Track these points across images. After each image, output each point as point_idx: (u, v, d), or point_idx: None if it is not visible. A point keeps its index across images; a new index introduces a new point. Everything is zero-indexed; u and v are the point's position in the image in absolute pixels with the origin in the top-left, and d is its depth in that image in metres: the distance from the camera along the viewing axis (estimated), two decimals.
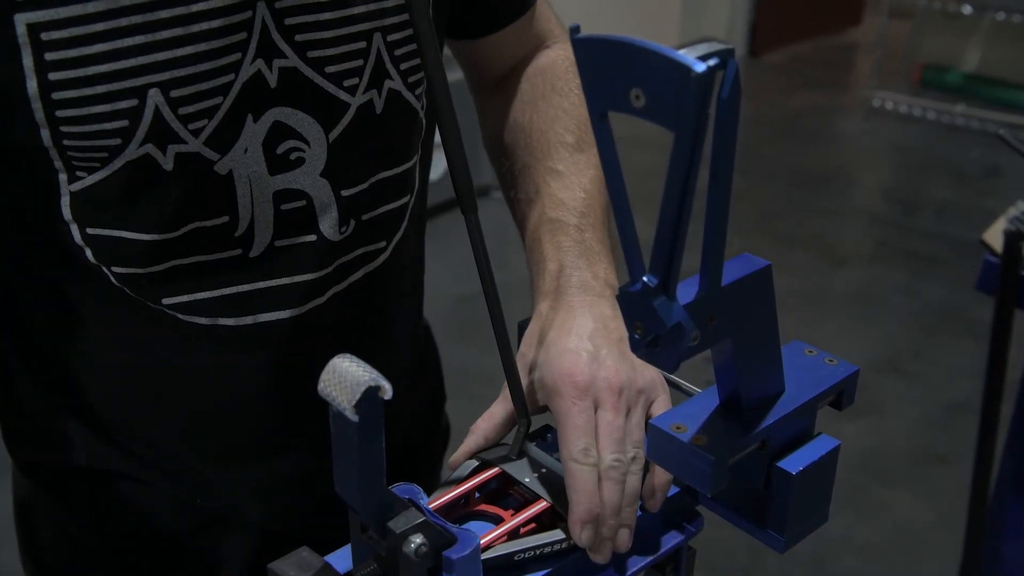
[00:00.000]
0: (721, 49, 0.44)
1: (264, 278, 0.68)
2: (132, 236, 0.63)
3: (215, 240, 0.65)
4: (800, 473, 0.58)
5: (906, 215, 3.74)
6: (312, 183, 0.67)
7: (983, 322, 2.97)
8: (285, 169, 0.66)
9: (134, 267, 0.65)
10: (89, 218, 0.63)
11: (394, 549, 0.52)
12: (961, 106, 4.47)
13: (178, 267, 0.65)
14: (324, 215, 0.68)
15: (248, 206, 0.65)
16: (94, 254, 0.64)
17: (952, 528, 2.15)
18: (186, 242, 0.65)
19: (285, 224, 0.67)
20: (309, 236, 0.68)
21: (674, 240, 0.47)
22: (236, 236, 0.66)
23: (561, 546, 0.59)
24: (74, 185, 0.62)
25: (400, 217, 0.75)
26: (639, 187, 1.10)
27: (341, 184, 0.69)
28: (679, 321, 0.50)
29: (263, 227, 0.66)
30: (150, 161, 0.61)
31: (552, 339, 0.65)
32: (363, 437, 0.49)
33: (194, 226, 0.64)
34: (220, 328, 0.68)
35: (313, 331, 0.71)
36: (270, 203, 0.66)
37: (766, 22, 5.57)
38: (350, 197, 0.70)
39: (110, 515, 0.80)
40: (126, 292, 0.66)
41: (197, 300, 0.67)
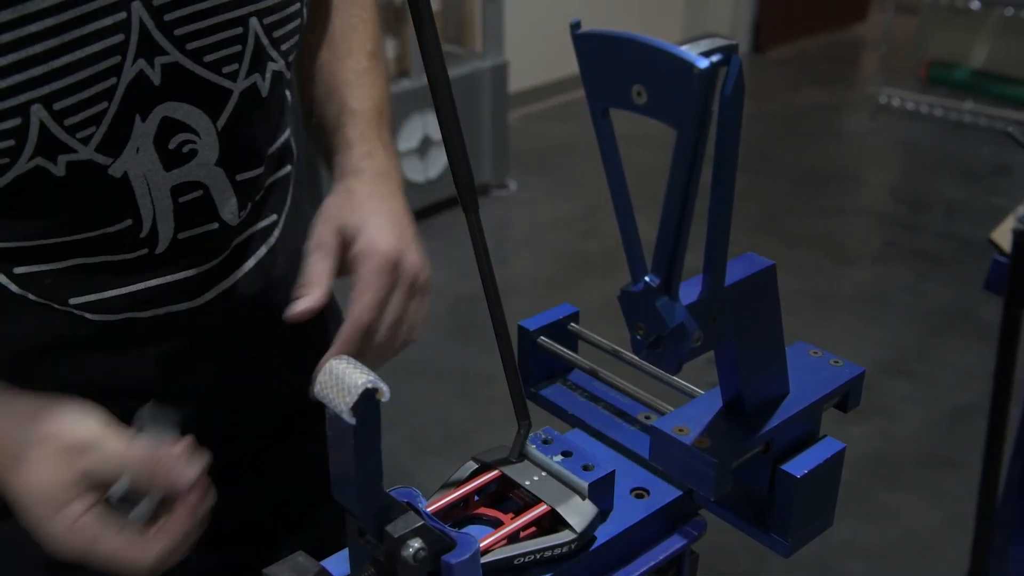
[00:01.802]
0: (724, 45, 0.44)
1: (172, 272, 0.70)
2: (31, 244, 0.64)
3: (121, 243, 0.67)
4: (805, 476, 0.58)
5: (913, 214, 3.74)
6: (207, 173, 0.69)
7: (991, 323, 2.96)
8: (180, 163, 0.67)
9: (36, 264, 0.65)
10: None
11: (392, 553, 0.52)
12: (969, 103, 4.47)
13: (83, 266, 0.66)
14: (223, 203, 0.70)
15: (149, 205, 0.66)
16: None
17: (960, 532, 2.15)
18: (91, 244, 0.66)
19: (185, 217, 0.69)
20: (211, 225, 0.70)
21: (676, 239, 0.47)
22: (142, 237, 0.67)
23: (563, 550, 0.59)
24: None
25: (285, 187, 0.79)
26: (641, 186, 1.10)
27: (236, 169, 0.71)
28: (682, 322, 0.50)
29: (165, 223, 0.68)
30: (41, 172, 0.61)
31: (368, 213, 0.71)
32: (360, 440, 0.49)
33: (99, 233, 0.65)
34: (130, 322, 0.70)
35: (223, 314, 0.74)
36: (169, 198, 0.67)
37: (770, 17, 5.58)
38: (246, 181, 0.72)
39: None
40: (28, 299, 0.66)
41: (104, 299, 0.68)
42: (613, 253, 3.27)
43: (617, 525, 0.63)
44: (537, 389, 0.77)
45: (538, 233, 3.57)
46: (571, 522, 0.59)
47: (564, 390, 0.77)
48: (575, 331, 0.77)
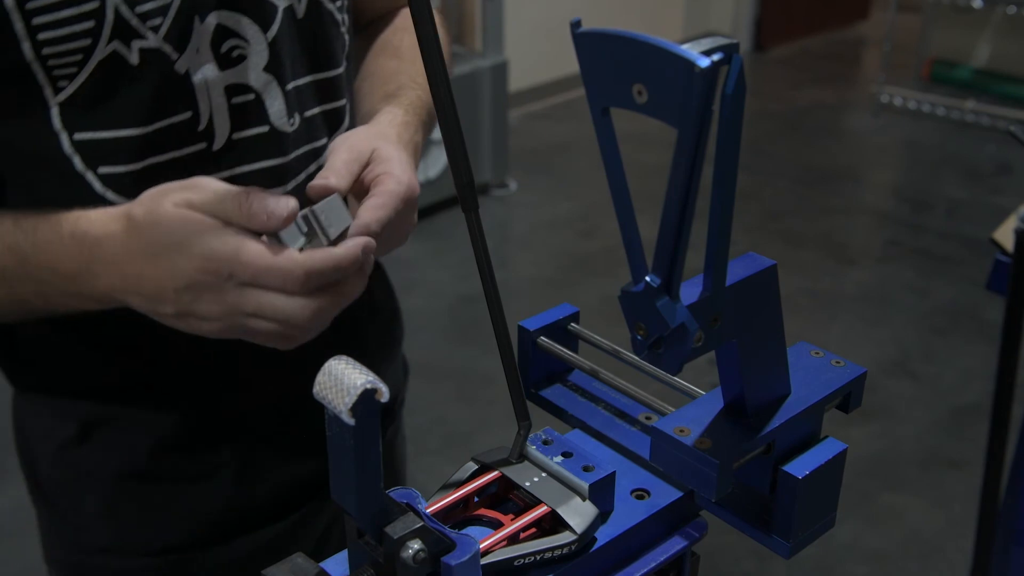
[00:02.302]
0: (725, 43, 0.44)
1: (229, 167, 0.77)
2: (113, 135, 0.73)
3: (182, 136, 0.75)
4: (806, 477, 0.58)
5: (915, 213, 3.74)
6: (256, 77, 0.77)
7: (994, 323, 2.97)
8: (232, 66, 0.76)
9: (118, 165, 0.73)
10: (75, 125, 0.72)
11: (391, 555, 0.52)
12: (971, 102, 4.47)
13: (154, 165, 0.74)
14: (272, 106, 0.78)
15: (206, 101, 0.75)
16: (82, 159, 0.73)
17: (962, 534, 2.16)
18: (158, 139, 0.74)
19: (238, 117, 0.77)
20: (262, 127, 0.78)
21: (677, 239, 0.47)
22: (200, 131, 0.75)
23: (563, 551, 0.59)
24: (59, 96, 0.71)
25: (338, 119, 0.86)
26: (642, 185, 1.10)
27: (283, 79, 0.78)
28: (683, 322, 0.50)
29: (221, 121, 0.76)
30: (118, 58, 0.71)
31: (395, 147, 0.77)
32: (359, 441, 0.49)
33: (164, 123, 0.73)
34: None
35: None
36: (223, 97, 0.76)
37: (772, 16, 5.58)
38: (292, 91, 0.80)
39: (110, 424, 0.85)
40: (107, 200, 0.74)
41: None
42: (613, 253, 3.27)
43: (617, 526, 0.63)
44: (537, 390, 0.77)
45: (538, 233, 3.57)
46: (571, 523, 0.59)
47: (564, 391, 0.77)
48: (575, 331, 0.77)
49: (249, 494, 0.86)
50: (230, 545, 0.87)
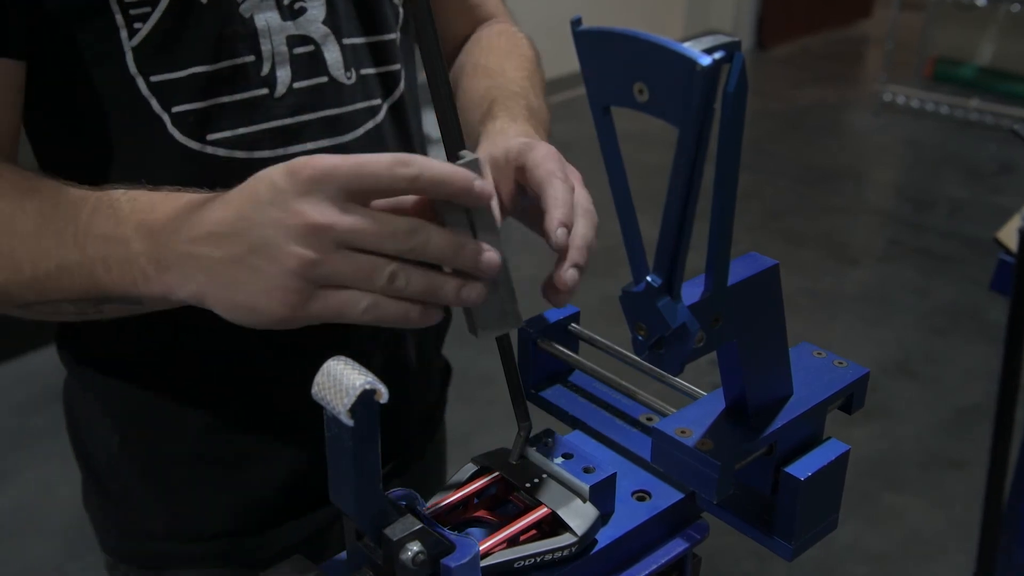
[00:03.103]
0: (727, 42, 0.44)
1: (291, 115, 0.79)
2: (183, 73, 0.75)
3: (247, 78, 0.77)
4: (808, 479, 0.58)
5: (918, 213, 3.74)
6: (316, 29, 0.79)
7: (997, 323, 2.96)
8: (293, 17, 0.78)
9: (187, 103, 0.76)
10: (151, 67, 0.74)
11: (390, 557, 0.52)
12: (975, 100, 4.47)
13: (220, 105, 0.76)
14: (330, 58, 0.80)
15: (269, 48, 0.77)
16: (159, 101, 0.75)
17: (965, 536, 2.16)
18: (223, 78, 0.76)
19: (299, 66, 0.79)
20: (322, 78, 0.80)
21: (678, 239, 0.47)
22: (262, 76, 0.77)
23: (563, 553, 0.59)
24: (133, 40, 0.73)
25: (393, 81, 0.86)
26: (643, 185, 1.10)
27: (340, 34, 0.81)
28: (684, 322, 0.50)
29: (283, 69, 0.78)
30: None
31: (529, 140, 0.73)
32: (358, 442, 0.49)
33: (228, 63, 0.76)
34: (256, 161, 0.78)
35: None
36: (285, 46, 0.78)
37: (773, 14, 5.58)
38: (349, 47, 0.82)
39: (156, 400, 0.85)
40: (176, 139, 0.76)
41: (237, 135, 0.77)
42: (614, 252, 3.27)
43: (618, 528, 0.63)
44: (537, 390, 0.77)
45: None
46: (572, 525, 0.59)
47: (565, 391, 0.77)
48: (576, 332, 0.77)
49: (302, 478, 0.86)
50: (283, 529, 0.88)
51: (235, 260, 0.59)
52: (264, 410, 0.84)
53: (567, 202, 0.66)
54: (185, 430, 0.85)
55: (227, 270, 0.59)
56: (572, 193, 0.67)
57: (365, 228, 0.57)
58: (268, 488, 0.86)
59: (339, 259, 0.57)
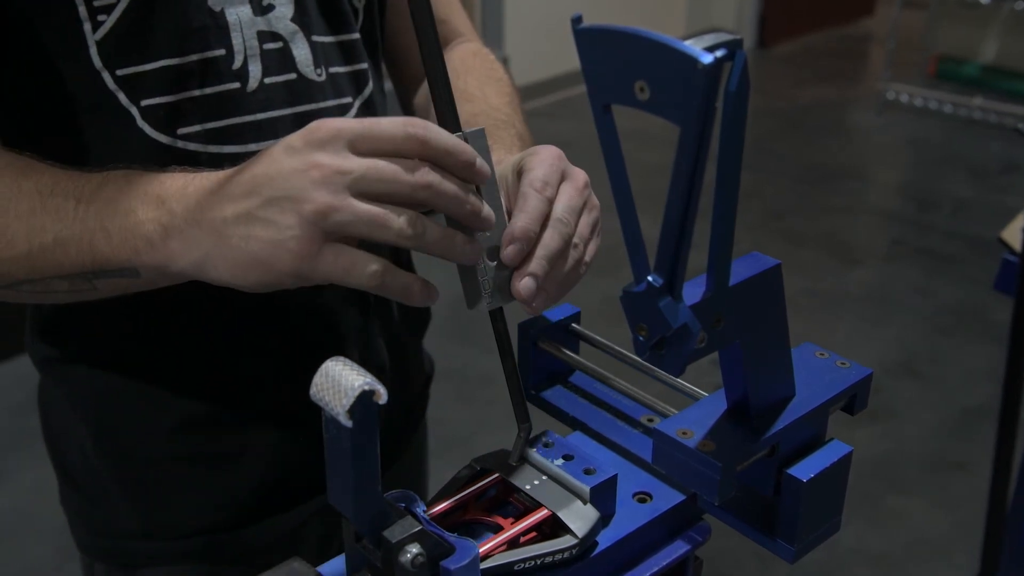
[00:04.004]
0: (729, 40, 0.44)
1: (263, 110, 0.79)
2: (152, 66, 0.74)
3: (218, 71, 0.77)
4: (811, 480, 0.58)
5: (921, 212, 3.74)
6: (285, 26, 0.80)
7: (1001, 323, 2.97)
8: (263, 13, 0.79)
9: (157, 97, 0.75)
10: (116, 61, 0.74)
11: (390, 559, 0.52)
12: (978, 99, 4.47)
13: (191, 98, 0.76)
14: (300, 56, 0.81)
15: (240, 42, 0.77)
16: (127, 95, 0.75)
17: (969, 538, 2.16)
18: (194, 71, 0.76)
19: (269, 62, 0.79)
20: (291, 74, 0.80)
21: (680, 238, 0.47)
22: (234, 70, 0.77)
23: (564, 555, 0.59)
24: (97, 33, 0.73)
25: (363, 80, 0.87)
26: (644, 184, 1.10)
27: (309, 31, 0.81)
28: (685, 322, 0.50)
29: (254, 65, 0.78)
30: None
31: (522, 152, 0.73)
32: (357, 443, 0.49)
33: (198, 56, 0.76)
34: (226, 156, 0.78)
35: None
36: (256, 41, 0.78)
37: (776, 12, 5.58)
38: (318, 44, 0.82)
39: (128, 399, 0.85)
40: (146, 133, 0.76)
41: (207, 129, 0.77)
42: (615, 252, 3.27)
43: (619, 530, 0.63)
44: (538, 391, 0.77)
45: None
46: (572, 527, 0.59)
47: (565, 392, 0.77)
48: (576, 332, 0.77)
49: (279, 475, 0.87)
50: (261, 526, 0.88)
51: (248, 215, 0.60)
52: (238, 409, 0.84)
53: (531, 214, 0.65)
54: (157, 430, 0.85)
55: (238, 226, 0.61)
56: (546, 203, 0.66)
57: (381, 167, 0.59)
58: (243, 486, 0.86)
59: (356, 204, 0.58)
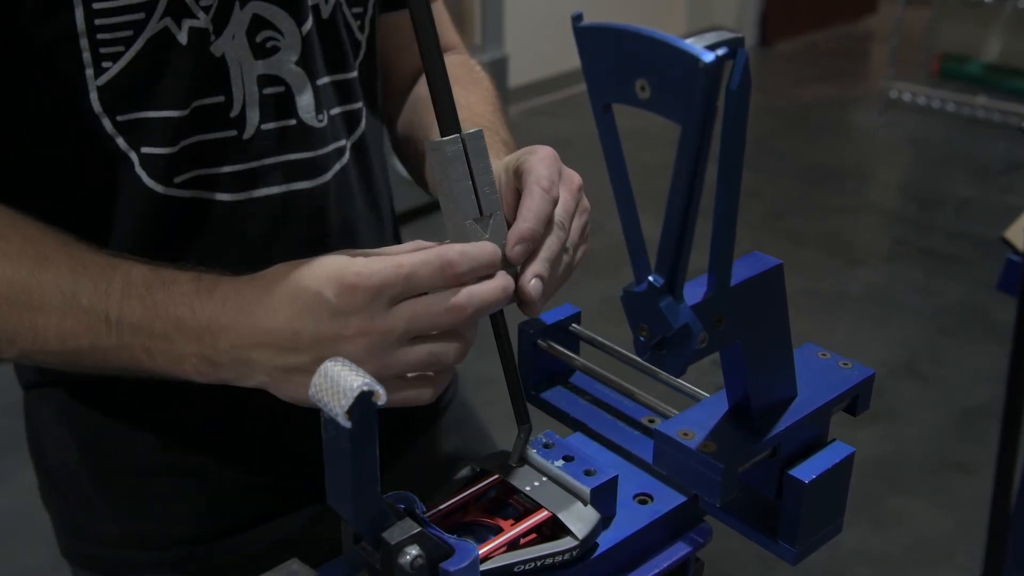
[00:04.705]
0: (730, 38, 0.44)
1: (258, 158, 0.78)
2: (154, 115, 0.73)
3: (215, 120, 0.76)
4: (813, 481, 0.58)
5: (924, 212, 3.74)
6: (288, 70, 0.78)
7: (1004, 323, 2.97)
8: (265, 56, 0.77)
9: (158, 147, 0.74)
10: (118, 106, 0.72)
11: (389, 561, 0.52)
12: (982, 98, 4.47)
13: (188, 146, 0.75)
14: (301, 100, 0.79)
15: (240, 87, 0.76)
16: (126, 139, 0.74)
17: (972, 539, 2.16)
18: (193, 120, 0.75)
19: (268, 107, 0.78)
20: (290, 120, 0.79)
21: (681, 238, 0.47)
22: (232, 117, 0.76)
23: (564, 557, 0.59)
24: (100, 79, 0.71)
25: (355, 120, 0.86)
26: (645, 184, 1.10)
27: (313, 74, 0.80)
28: (686, 322, 0.50)
29: (252, 109, 0.77)
30: (168, 35, 0.72)
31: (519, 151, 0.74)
32: (356, 444, 0.49)
33: (198, 103, 0.74)
34: (217, 204, 0.78)
35: (296, 210, 0.80)
36: (255, 86, 0.77)
37: (777, 10, 5.58)
38: (322, 87, 0.81)
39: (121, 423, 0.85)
40: (142, 181, 0.75)
41: (201, 176, 0.76)
42: (616, 252, 3.27)
43: (620, 532, 0.63)
44: (538, 392, 0.77)
45: None
46: (573, 529, 0.60)
47: (565, 393, 0.77)
48: (576, 332, 0.77)
49: (260, 488, 0.87)
50: (243, 537, 0.88)
51: (299, 369, 0.62)
52: (219, 423, 0.84)
53: (538, 214, 0.66)
54: (140, 441, 0.84)
55: (291, 376, 0.63)
56: (551, 204, 0.67)
57: (421, 316, 0.61)
58: (223, 499, 0.86)
59: (406, 357, 0.62)
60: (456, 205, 0.64)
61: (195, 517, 0.86)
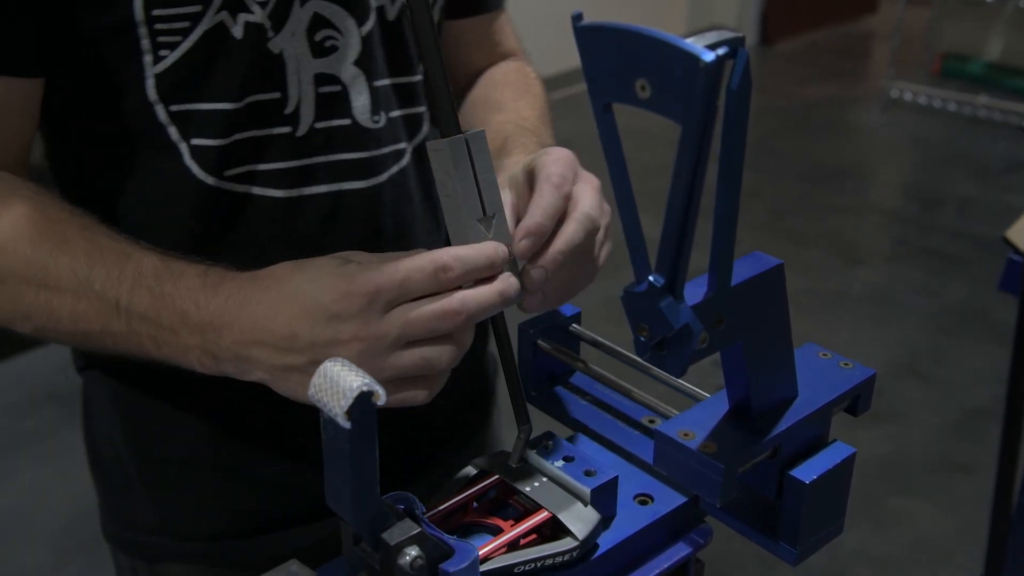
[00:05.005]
0: (731, 38, 0.44)
1: (311, 155, 0.79)
2: (207, 107, 0.75)
3: (269, 115, 0.77)
4: (814, 482, 0.58)
5: (925, 211, 3.74)
6: (346, 70, 0.79)
7: (1006, 323, 2.97)
8: (323, 55, 0.77)
9: (209, 139, 0.76)
10: (172, 96, 0.74)
11: (388, 562, 0.52)
12: (983, 97, 4.47)
13: (240, 141, 0.76)
14: (357, 101, 0.80)
15: (296, 86, 0.77)
16: (178, 130, 0.75)
17: (973, 540, 2.15)
18: (246, 115, 0.76)
19: (324, 107, 0.78)
20: (344, 120, 0.79)
21: (681, 238, 0.47)
22: (286, 114, 0.77)
23: (564, 558, 0.59)
24: (157, 66, 0.73)
25: (417, 124, 0.86)
26: (645, 184, 1.10)
27: (372, 75, 0.80)
28: (687, 323, 0.50)
29: (307, 107, 0.78)
30: (223, 29, 0.73)
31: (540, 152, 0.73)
32: (355, 444, 0.49)
33: (253, 99, 0.76)
34: (268, 200, 0.79)
35: (347, 210, 0.81)
36: (312, 85, 0.78)
37: (778, 9, 5.58)
38: (379, 89, 0.81)
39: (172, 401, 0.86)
40: (192, 172, 0.76)
41: (254, 171, 0.78)
42: (616, 252, 3.28)
43: (620, 532, 0.63)
44: (538, 392, 0.77)
45: None
46: (573, 529, 0.59)
47: (566, 393, 0.77)
48: (577, 332, 0.77)
49: (298, 489, 0.87)
50: (273, 537, 0.89)
51: (297, 369, 0.64)
52: (263, 421, 0.85)
53: (546, 209, 0.66)
54: (182, 433, 0.86)
55: (289, 375, 0.64)
56: (562, 200, 0.67)
57: (414, 322, 0.62)
58: (259, 497, 0.87)
59: (399, 360, 0.62)
60: (459, 205, 0.64)
61: (233, 513, 0.88)
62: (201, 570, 0.89)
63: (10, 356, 2.76)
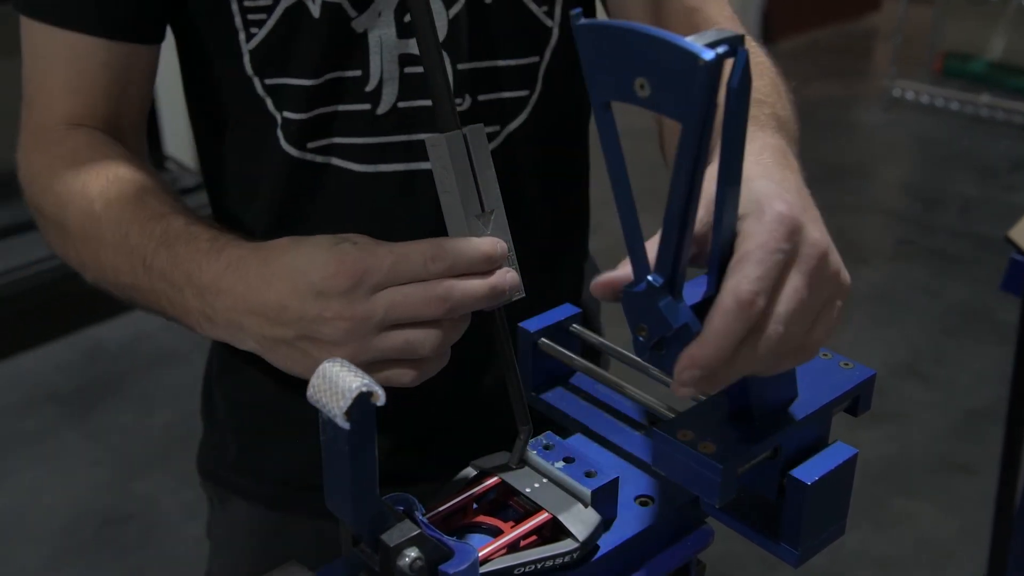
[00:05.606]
0: (731, 36, 0.44)
1: (392, 133, 0.81)
2: (292, 82, 0.79)
3: (349, 92, 0.80)
4: (815, 483, 0.58)
5: (928, 211, 3.74)
6: None
7: (1008, 324, 2.96)
8: (410, 35, 0.79)
9: (294, 112, 0.80)
10: (265, 71, 0.80)
11: (388, 563, 0.52)
12: (986, 96, 4.47)
13: (321, 115, 0.80)
14: None
15: (379, 64, 0.79)
16: (273, 102, 0.81)
17: (976, 541, 2.15)
18: (326, 90, 0.79)
19: (408, 87, 0.80)
20: (426, 101, 0.78)
21: (681, 237, 0.47)
22: (367, 91, 0.80)
23: (564, 559, 0.59)
24: (250, 43, 0.79)
25: (517, 108, 0.85)
26: (645, 182, 1.10)
27: (457, 57, 0.81)
28: (686, 322, 0.50)
29: (390, 87, 0.80)
30: (302, 8, 0.77)
31: (762, 170, 0.60)
32: (354, 445, 0.49)
33: (334, 75, 0.79)
34: (347, 173, 0.82)
35: (421, 189, 0.82)
36: (396, 65, 0.79)
37: (779, 7, 5.57)
38: (465, 72, 0.82)
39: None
40: (280, 143, 0.81)
41: (335, 144, 0.81)
42: (615, 251, 3.27)
43: (621, 534, 0.63)
44: (538, 393, 0.77)
45: None
46: (573, 531, 0.59)
47: (565, 394, 0.77)
48: (577, 332, 0.77)
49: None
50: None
51: (285, 341, 0.66)
52: None
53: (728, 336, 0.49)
54: (269, 384, 0.90)
55: (278, 347, 0.67)
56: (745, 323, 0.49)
57: (399, 306, 0.63)
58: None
59: (384, 343, 0.64)
60: (457, 201, 0.64)
61: (300, 463, 0.90)
62: (262, 511, 0.96)
63: (10, 356, 2.76)
